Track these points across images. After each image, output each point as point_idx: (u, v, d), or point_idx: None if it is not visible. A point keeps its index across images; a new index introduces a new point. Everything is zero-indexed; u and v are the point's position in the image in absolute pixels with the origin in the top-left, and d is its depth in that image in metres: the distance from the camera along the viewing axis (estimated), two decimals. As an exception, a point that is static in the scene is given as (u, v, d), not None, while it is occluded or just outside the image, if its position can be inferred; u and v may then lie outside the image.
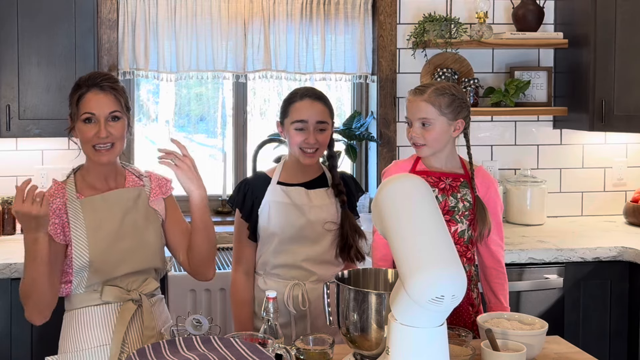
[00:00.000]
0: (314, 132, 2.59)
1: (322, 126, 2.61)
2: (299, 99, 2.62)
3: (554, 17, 4.01)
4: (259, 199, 2.64)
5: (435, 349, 1.73)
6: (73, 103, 2.33)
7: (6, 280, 2.98)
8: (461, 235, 2.56)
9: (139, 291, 2.34)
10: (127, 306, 2.31)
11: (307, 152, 2.60)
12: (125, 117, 2.36)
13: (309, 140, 2.58)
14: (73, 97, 2.33)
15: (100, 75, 2.35)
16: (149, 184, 2.45)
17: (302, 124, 2.59)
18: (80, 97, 2.31)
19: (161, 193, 2.46)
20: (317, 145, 2.60)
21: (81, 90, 2.32)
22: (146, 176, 2.47)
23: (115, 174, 2.41)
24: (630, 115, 3.65)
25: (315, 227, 2.62)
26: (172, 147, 2.36)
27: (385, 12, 3.85)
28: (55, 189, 2.34)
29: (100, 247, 2.29)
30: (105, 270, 2.30)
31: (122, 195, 2.38)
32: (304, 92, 2.65)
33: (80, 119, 2.31)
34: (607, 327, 3.38)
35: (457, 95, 2.54)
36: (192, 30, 3.65)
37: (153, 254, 2.39)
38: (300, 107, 2.61)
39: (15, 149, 3.61)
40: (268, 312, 2.08)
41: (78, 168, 2.43)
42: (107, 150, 2.32)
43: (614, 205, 4.08)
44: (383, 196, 1.85)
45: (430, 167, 2.59)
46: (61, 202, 2.31)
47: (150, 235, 2.38)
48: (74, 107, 2.32)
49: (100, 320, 2.30)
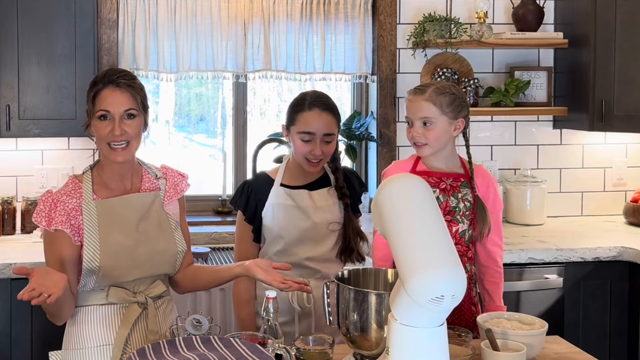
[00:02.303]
0: (320, 144, 2.56)
1: (329, 138, 2.58)
2: (307, 109, 2.58)
3: (554, 17, 4.01)
4: (262, 202, 2.64)
5: (435, 349, 1.73)
6: (89, 99, 2.30)
7: (6, 280, 2.98)
8: (462, 235, 2.56)
9: (145, 294, 2.33)
10: (132, 308, 2.30)
11: (311, 162, 2.60)
12: (142, 116, 2.33)
13: (314, 152, 2.56)
14: (90, 93, 2.30)
15: (117, 72, 2.32)
16: (164, 186, 2.41)
17: (308, 135, 2.56)
18: (96, 94, 2.28)
19: (176, 194, 2.43)
20: (323, 157, 2.59)
21: (97, 86, 2.29)
22: (162, 177, 2.43)
23: (132, 173, 2.37)
24: (630, 115, 3.65)
25: (320, 228, 2.63)
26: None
27: (385, 12, 3.85)
28: (73, 187, 2.30)
29: (111, 253, 2.26)
30: (114, 276, 2.28)
31: (137, 201, 2.34)
32: (312, 101, 2.59)
33: (96, 115, 2.28)
34: (607, 327, 3.38)
35: (457, 95, 2.54)
36: (192, 30, 3.65)
37: (163, 262, 2.36)
38: (308, 117, 2.57)
39: (15, 149, 3.61)
40: (268, 312, 2.08)
41: (95, 164, 2.38)
42: (123, 148, 2.28)
43: (614, 205, 4.08)
44: (383, 196, 1.85)
45: (430, 167, 2.59)
46: (77, 203, 2.28)
47: (161, 243, 2.35)
48: (90, 104, 2.29)
49: (104, 320, 2.29)
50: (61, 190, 2.30)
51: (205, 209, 3.92)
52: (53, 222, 2.23)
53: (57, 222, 2.23)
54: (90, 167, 2.37)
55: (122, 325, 2.27)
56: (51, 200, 2.26)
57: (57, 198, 2.27)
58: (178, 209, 2.44)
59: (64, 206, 2.26)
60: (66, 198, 2.27)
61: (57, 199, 2.27)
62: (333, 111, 2.61)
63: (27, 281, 2.02)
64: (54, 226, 2.23)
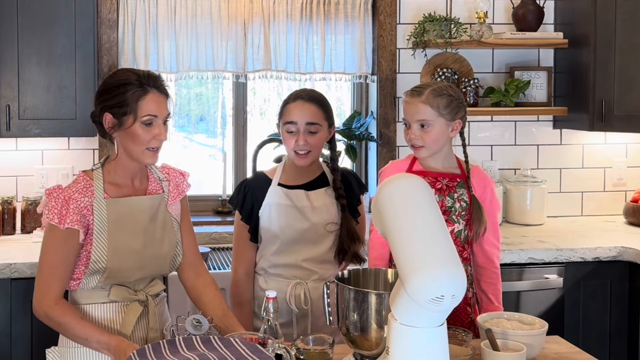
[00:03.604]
0: (303, 134, 2.56)
1: (313, 128, 2.58)
2: (292, 101, 2.61)
3: (554, 17, 4.01)
4: (259, 201, 2.64)
5: (435, 349, 1.73)
6: (132, 101, 2.23)
7: (6, 280, 2.98)
8: (458, 236, 2.55)
9: (145, 292, 2.33)
10: (134, 307, 2.29)
11: (299, 154, 2.59)
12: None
13: (298, 142, 2.56)
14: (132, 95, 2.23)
15: (158, 77, 2.29)
16: (168, 187, 2.41)
17: (292, 125, 2.58)
18: (139, 97, 2.23)
19: (178, 194, 2.42)
20: (308, 148, 2.58)
21: (140, 89, 2.24)
22: (165, 179, 2.42)
23: (140, 174, 2.37)
24: (630, 115, 3.65)
25: (317, 229, 2.62)
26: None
27: (385, 12, 3.85)
28: (84, 185, 2.27)
29: (119, 254, 2.26)
30: (118, 277, 2.28)
31: (146, 203, 2.33)
32: (297, 94, 2.63)
33: (142, 120, 2.23)
34: (607, 327, 3.38)
35: (455, 96, 2.53)
36: (192, 30, 3.65)
37: (165, 264, 2.37)
38: (291, 108, 2.60)
39: (15, 149, 3.61)
40: (268, 312, 2.08)
41: (105, 160, 2.34)
42: (156, 151, 2.30)
43: (614, 205, 4.08)
44: (383, 196, 1.85)
45: (427, 167, 2.59)
46: (89, 202, 2.25)
47: (165, 246, 2.35)
48: (133, 105, 2.22)
49: (105, 318, 2.29)
50: (72, 187, 2.25)
51: (205, 209, 3.92)
52: (66, 221, 2.21)
53: (71, 220, 2.20)
54: (101, 164, 2.33)
55: (125, 324, 2.27)
56: (63, 197, 2.23)
57: (69, 195, 2.23)
58: (180, 209, 2.44)
59: (76, 204, 2.22)
60: (78, 196, 2.23)
61: (69, 196, 2.23)
62: (318, 102, 2.60)
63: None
64: (67, 224, 2.20)
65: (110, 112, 2.25)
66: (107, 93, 2.26)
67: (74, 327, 2.18)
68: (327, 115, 2.62)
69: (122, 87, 2.24)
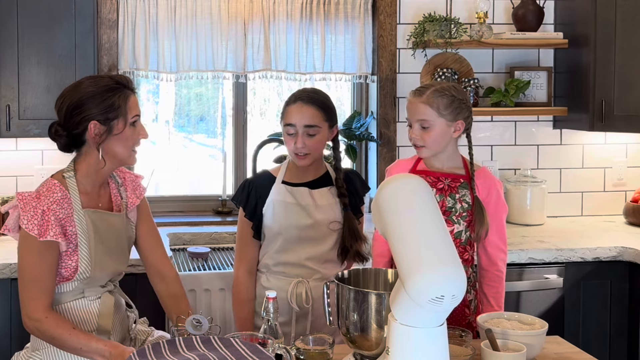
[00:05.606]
0: (302, 137, 2.57)
1: (312, 131, 2.58)
2: (292, 102, 2.62)
3: (554, 17, 4.01)
4: (262, 198, 2.65)
5: (435, 349, 1.73)
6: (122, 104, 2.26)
7: (6, 280, 2.98)
8: (457, 237, 2.55)
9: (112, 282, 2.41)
10: (106, 298, 2.34)
11: (299, 155, 2.60)
12: None
13: (297, 144, 2.58)
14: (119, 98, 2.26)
15: (129, 77, 2.36)
16: (125, 194, 2.44)
17: (291, 128, 2.59)
18: (127, 98, 2.28)
19: (136, 198, 2.46)
20: (307, 150, 2.59)
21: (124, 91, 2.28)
22: (122, 185, 2.44)
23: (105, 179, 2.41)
24: (630, 115, 3.65)
25: (320, 227, 2.63)
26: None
27: (385, 12, 3.85)
28: (61, 196, 2.25)
29: (99, 263, 2.31)
30: (93, 283, 2.33)
31: (118, 219, 2.37)
32: (297, 95, 2.63)
33: (131, 121, 2.28)
34: (607, 327, 3.38)
35: (457, 96, 2.53)
36: (192, 30, 3.65)
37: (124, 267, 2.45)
38: (290, 110, 2.61)
39: (15, 149, 3.61)
40: (268, 312, 2.08)
41: (74, 165, 2.33)
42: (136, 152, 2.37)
43: (614, 205, 4.08)
44: (383, 196, 1.85)
45: (430, 167, 2.59)
46: (67, 214, 2.25)
47: (127, 251, 2.45)
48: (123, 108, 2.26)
49: (81, 313, 2.32)
50: (49, 197, 2.23)
51: (205, 209, 3.92)
52: (49, 233, 2.19)
53: (54, 233, 2.20)
54: (72, 170, 2.31)
55: (104, 317, 2.31)
56: (41, 209, 2.21)
57: (47, 207, 2.21)
58: (136, 212, 2.47)
59: (55, 216, 2.21)
60: (56, 207, 2.22)
61: (47, 208, 2.21)
62: (318, 104, 2.60)
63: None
64: (50, 237, 2.19)
65: (96, 119, 2.25)
66: (90, 102, 2.24)
67: (67, 340, 2.18)
68: (327, 116, 2.62)
69: (107, 92, 2.25)
